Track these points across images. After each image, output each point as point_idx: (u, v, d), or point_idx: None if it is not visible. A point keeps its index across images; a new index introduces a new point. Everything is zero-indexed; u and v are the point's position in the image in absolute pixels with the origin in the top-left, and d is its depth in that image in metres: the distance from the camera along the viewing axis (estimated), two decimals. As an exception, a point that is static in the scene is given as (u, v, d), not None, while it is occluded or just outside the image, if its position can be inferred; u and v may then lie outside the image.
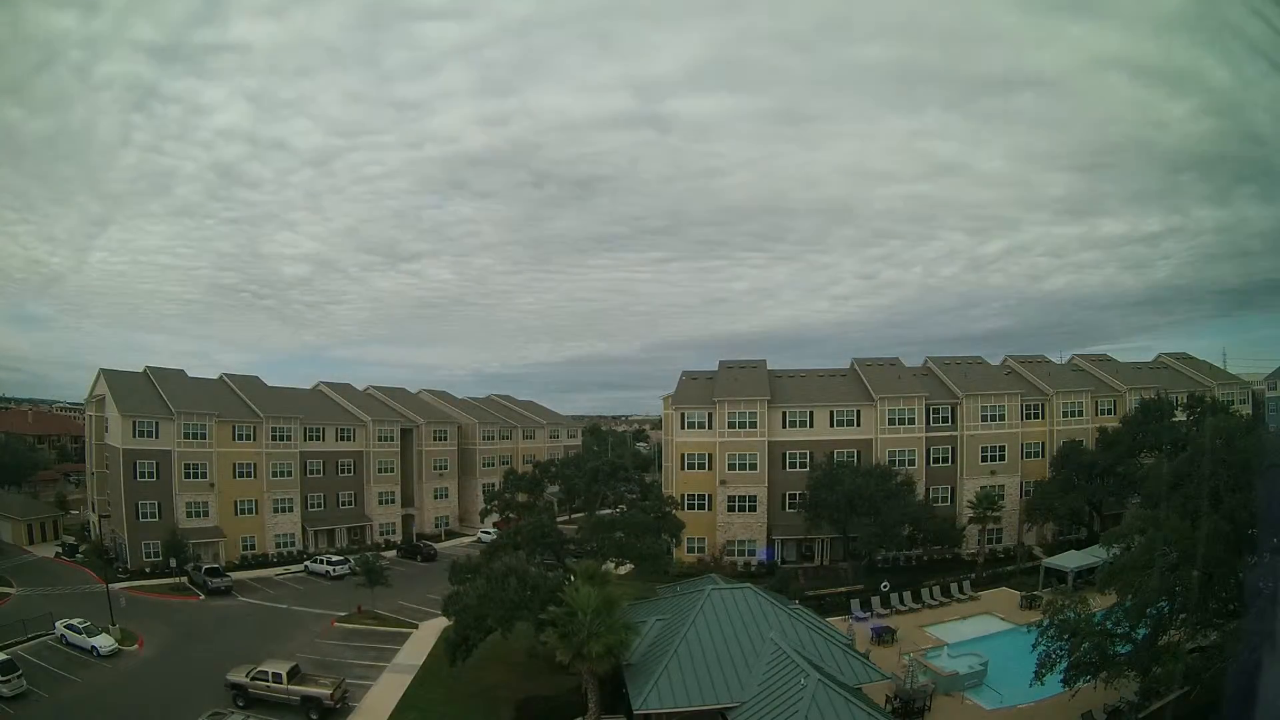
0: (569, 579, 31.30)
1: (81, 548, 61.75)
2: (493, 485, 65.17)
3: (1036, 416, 60.88)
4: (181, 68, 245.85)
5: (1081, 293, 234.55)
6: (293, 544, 64.06)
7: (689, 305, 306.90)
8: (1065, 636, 24.24)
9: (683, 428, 59.27)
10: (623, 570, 43.81)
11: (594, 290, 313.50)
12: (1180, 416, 53.32)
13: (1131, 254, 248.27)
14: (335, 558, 58.33)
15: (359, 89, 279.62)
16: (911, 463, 56.60)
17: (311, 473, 67.27)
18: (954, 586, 45.30)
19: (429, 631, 40.86)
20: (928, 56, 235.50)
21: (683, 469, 58.70)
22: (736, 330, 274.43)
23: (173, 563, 54.01)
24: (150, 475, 57.31)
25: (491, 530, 60.44)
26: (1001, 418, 59.26)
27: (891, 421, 57.97)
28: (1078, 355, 70.96)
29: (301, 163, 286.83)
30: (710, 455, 58.12)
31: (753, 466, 57.27)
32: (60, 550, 62.27)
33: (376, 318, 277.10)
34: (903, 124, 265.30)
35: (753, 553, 55.78)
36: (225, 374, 70.07)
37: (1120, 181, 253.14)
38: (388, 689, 33.62)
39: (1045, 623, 25.01)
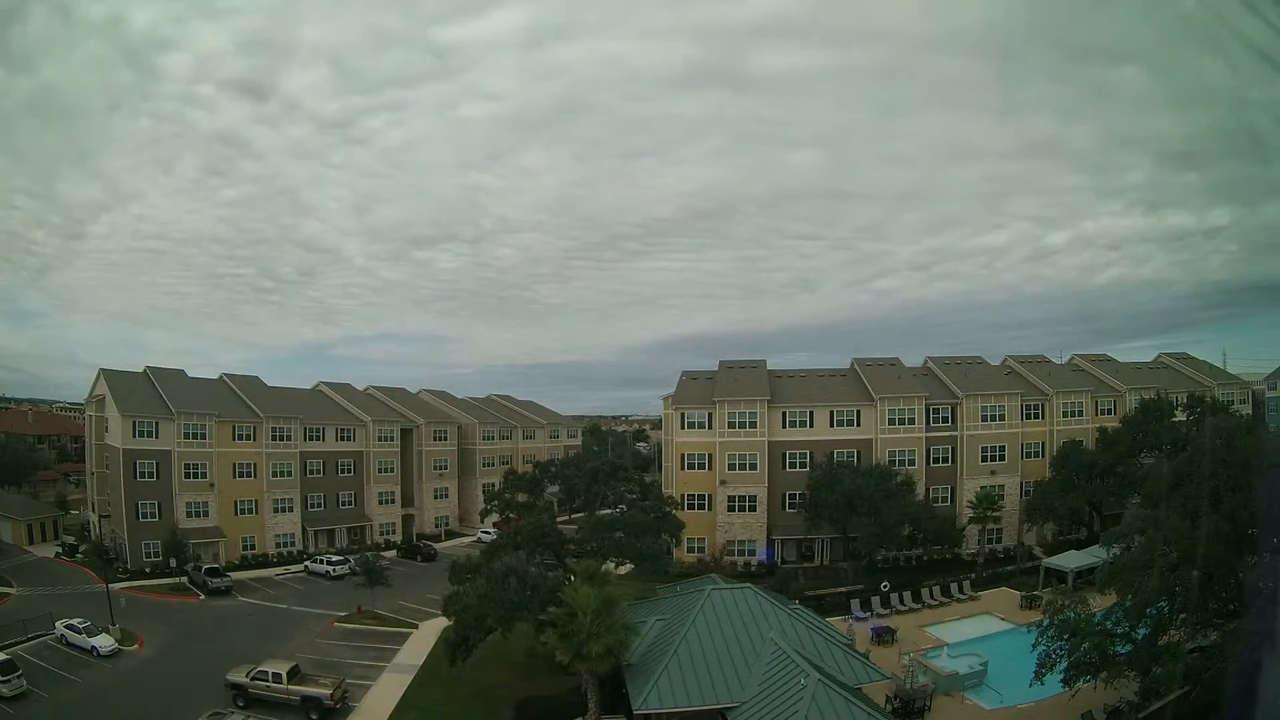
0: (569, 579, 31.30)
1: (81, 548, 61.75)
2: (493, 485, 65.22)
3: (1036, 416, 60.86)
4: (179, 5, 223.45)
5: (1130, 285, 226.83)
6: (293, 544, 64.05)
7: (722, 298, 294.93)
8: (1065, 636, 24.25)
9: (683, 428, 59.27)
10: (623, 570, 43.76)
11: (620, 281, 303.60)
12: (1180, 416, 53.29)
13: (1188, 247, 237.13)
14: (335, 558, 58.33)
15: (391, 28, 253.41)
16: (911, 463, 56.59)
17: (311, 473, 67.28)
18: (954, 586, 45.30)
19: (429, 631, 40.86)
20: (1039, 16, 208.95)
21: (683, 469, 58.69)
22: (763, 327, 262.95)
23: (173, 563, 54.03)
24: (150, 475, 57.31)
25: (491, 530, 60.42)
26: (1001, 418, 59.25)
27: (891, 421, 57.96)
28: (1077, 355, 70.93)
29: (317, 128, 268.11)
30: (710, 455, 58.10)
31: (753, 466, 57.26)
32: (60, 550, 62.28)
33: (382, 314, 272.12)
34: (998, 94, 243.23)
35: (753, 553, 55.77)
36: (225, 374, 70.12)
37: (1202, 169, 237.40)
38: (388, 689, 33.62)
39: (1045, 623, 25.02)
